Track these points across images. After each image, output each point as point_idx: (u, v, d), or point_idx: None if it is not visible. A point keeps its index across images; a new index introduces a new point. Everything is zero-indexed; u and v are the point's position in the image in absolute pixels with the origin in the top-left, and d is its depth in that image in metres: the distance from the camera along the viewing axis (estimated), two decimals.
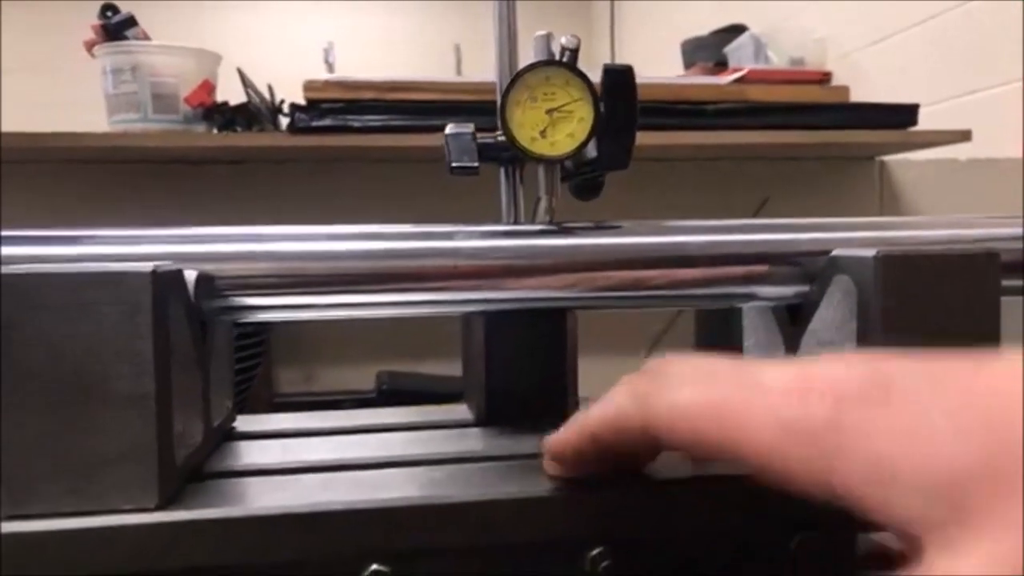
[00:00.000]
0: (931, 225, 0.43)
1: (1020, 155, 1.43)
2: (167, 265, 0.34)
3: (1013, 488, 0.22)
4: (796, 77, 1.19)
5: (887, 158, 1.24)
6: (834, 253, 0.39)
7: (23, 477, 0.31)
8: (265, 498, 0.34)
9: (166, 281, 0.33)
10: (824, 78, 1.24)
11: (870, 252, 0.36)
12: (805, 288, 0.42)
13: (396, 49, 3.52)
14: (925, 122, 1.15)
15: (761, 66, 1.41)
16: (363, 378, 1.10)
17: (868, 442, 0.24)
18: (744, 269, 0.42)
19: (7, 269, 0.32)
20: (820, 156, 1.21)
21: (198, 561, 0.32)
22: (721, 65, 1.45)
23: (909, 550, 0.24)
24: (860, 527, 0.36)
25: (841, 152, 1.18)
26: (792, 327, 0.44)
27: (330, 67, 1.23)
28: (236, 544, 0.32)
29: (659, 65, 2.05)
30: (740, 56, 1.49)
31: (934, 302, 0.36)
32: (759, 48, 1.53)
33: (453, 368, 0.53)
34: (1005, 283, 0.42)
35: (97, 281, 0.31)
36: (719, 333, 0.52)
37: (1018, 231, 0.41)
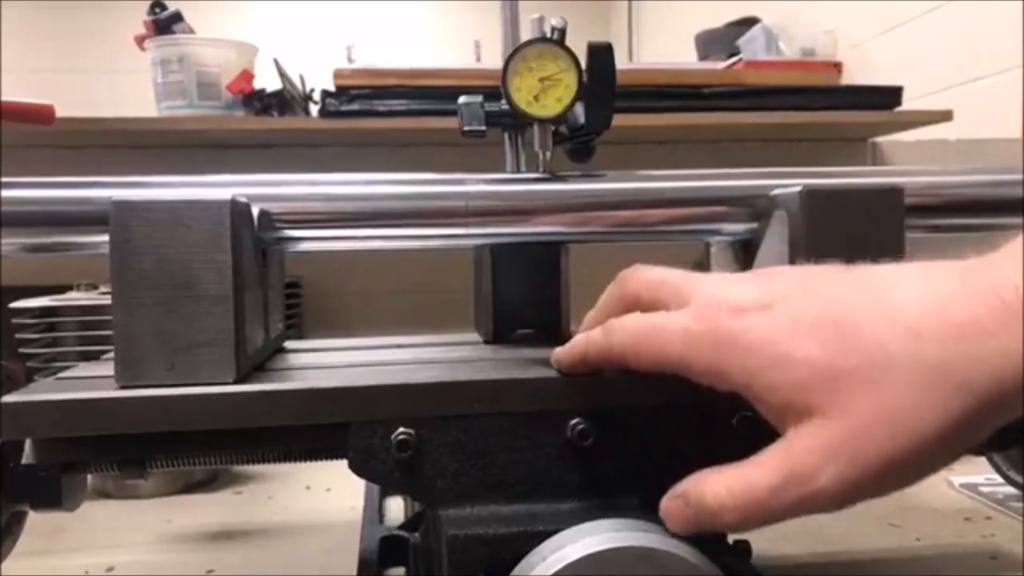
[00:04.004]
0: (857, 174, 0.51)
1: (1014, 136, 1.50)
2: (241, 199, 0.44)
3: (849, 385, 0.30)
4: (805, 67, 1.27)
5: (879, 139, 1.31)
6: (773, 193, 0.48)
7: (133, 357, 0.41)
8: (316, 380, 0.44)
9: (239, 209, 0.43)
10: (835, 68, 1.32)
11: (798, 188, 0.45)
12: (754, 225, 0.51)
13: (418, 44, 3.63)
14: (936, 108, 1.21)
15: (773, 57, 1.48)
16: None
17: (752, 341, 0.32)
18: (706, 209, 0.51)
19: (119, 196, 0.41)
20: (815, 138, 1.28)
21: (265, 422, 0.41)
22: (734, 57, 1.51)
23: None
24: None
25: (834, 133, 1.26)
26: (745, 259, 0.52)
27: (351, 63, 1.32)
28: (294, 410, 0.42)
29: (676, 60, 2.11)
30: (752, 48, 1.55)
31: (849, 227, 0.45)
32: (770, 40, 1.60)
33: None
34: (918, 221, 0.51)
35: (191, 205, 0.41)
36: None
37: (928, 179, 0.50)
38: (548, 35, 0.50)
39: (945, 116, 1.16)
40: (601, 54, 0.51)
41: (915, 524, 0.64)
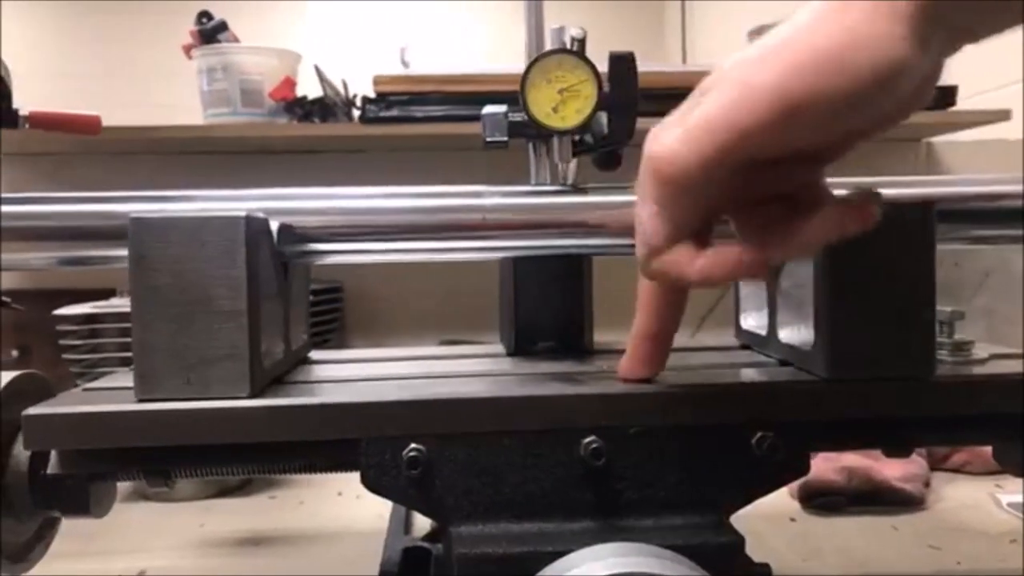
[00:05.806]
0: (888, 184, 0.49)
1: None
2: (257, 214, 0.44)
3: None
4: None
5: (932, 139, 1.27)
6: None
7: (151, 371, 0.42)
8: (330, 395, 0.44)
9: (255, 225, 0.43)
10: None
11: None
12: None
13: (469, 44, 3.63)
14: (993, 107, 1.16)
15: None
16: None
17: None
18: None
19: (138, 213, 0.42)
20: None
21: (278, 437, 0.42)
22: None
23: None
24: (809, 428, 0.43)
25: (885, 133, 1.22)
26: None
27: (406, 66, 1.31)
28: (306, 425, 0.42)
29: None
30: None
31: (875, 241, 0.43)
32: None
33: None
34: (954, 234, 0.49)
35: (206, 222, 0.42)
36: None
37: (958, 189, 0.48)
38: (568, 46, 0.49)
39: (1003, 116, 1.11)
40: (622, 64, 0.50)
41: (957, 546, 0.61)
